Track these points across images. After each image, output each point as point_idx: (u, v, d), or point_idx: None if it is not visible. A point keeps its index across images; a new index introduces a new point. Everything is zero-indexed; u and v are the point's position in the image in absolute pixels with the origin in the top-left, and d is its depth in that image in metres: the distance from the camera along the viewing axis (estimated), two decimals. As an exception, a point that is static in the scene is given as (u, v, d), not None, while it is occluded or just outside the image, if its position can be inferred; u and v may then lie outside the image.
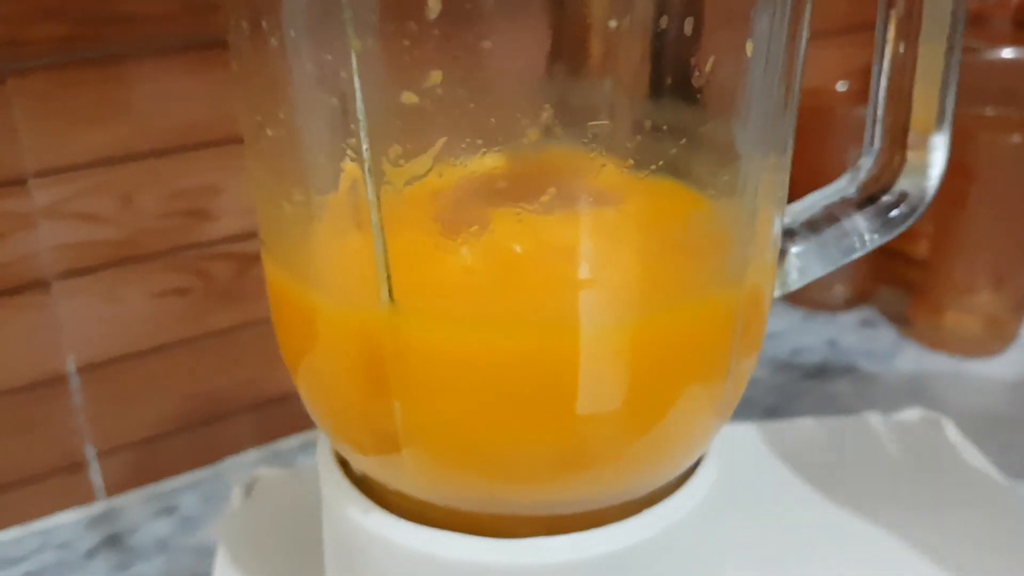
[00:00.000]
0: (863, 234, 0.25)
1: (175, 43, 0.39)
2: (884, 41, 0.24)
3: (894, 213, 0.25)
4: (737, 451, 0.34)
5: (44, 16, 0.36)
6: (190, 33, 0.39)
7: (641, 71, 0.20)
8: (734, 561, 0.30)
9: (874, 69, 0.25)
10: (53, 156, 0.38)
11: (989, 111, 0.51)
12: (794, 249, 0.26)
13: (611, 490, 0.23)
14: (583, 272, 0.21)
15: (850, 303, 0.58)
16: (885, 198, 0.25)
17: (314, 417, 0.25)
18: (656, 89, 0.20)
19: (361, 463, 0.24)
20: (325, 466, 0.26)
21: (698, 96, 0.20)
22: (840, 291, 0.58)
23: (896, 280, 0.59)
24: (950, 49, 0.24)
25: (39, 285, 0.40)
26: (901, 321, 0.57)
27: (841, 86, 0.56)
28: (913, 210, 0.25)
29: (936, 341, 0.54)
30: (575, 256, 0.21)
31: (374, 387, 0.22)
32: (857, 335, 0.56)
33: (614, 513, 0.24)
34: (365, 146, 0.19)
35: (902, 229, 0.25)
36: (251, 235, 0.43)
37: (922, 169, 0.25)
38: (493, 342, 0.21)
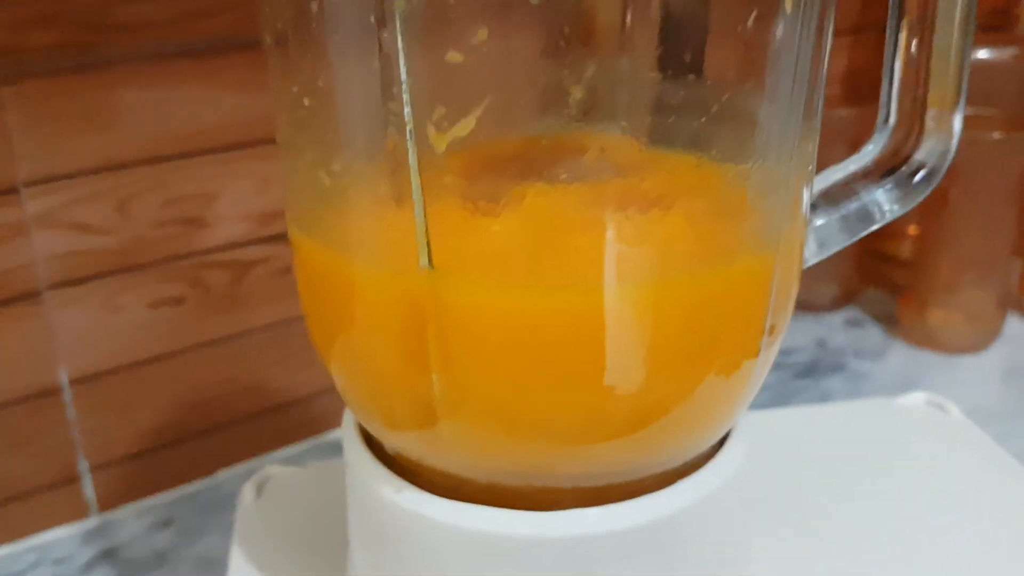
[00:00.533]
0: (882, 204, 0.26)
1: (169, 50, 0.39)
2: (901, 13, 0.25)
3: (915, 180, 0.25)
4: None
5: (38, 23, 0.36)
6: (184, 40, 0.39)
7: (677, 36, 0.20)
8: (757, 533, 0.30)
9: (887, 46, 0.26)
10: (47, 164, 0.38)
11: (968, 111, 0.51)
12: (815, 222, 0.26)
13: (648, 458, 0.23)
14: (622, 237, 0.21)
15: (836, 304, 0.59)
16: (904, 168, 0.25)
17: (346, 397, 0.25)
18: (691, 56, 0.20)
19: (394, 440, 0.24)
20: (351, 447, 0.25)
21: (730, 61, 0.21)
22: (827, 292, 0.58)
23: (881, 281, 0.60)
24: (966, 18, 0.24)
25: (31, 295, 0.39)
26: (886, 320, 0.57)
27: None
28: (932, 176, 0.25)
29: (922, 338, 0.54)
30: (614, 221, 0.21)
31: (413, 357, 0.22)
32: (845, 334, 0.56)
33: (649, 484, 0.24)
34: (408, 110, 0.19)
35: (921, 198, 0.26)
36: (247, 242, 0.43)
37: (943, 139, 0.25)
38: (532, 305, 0.21)
